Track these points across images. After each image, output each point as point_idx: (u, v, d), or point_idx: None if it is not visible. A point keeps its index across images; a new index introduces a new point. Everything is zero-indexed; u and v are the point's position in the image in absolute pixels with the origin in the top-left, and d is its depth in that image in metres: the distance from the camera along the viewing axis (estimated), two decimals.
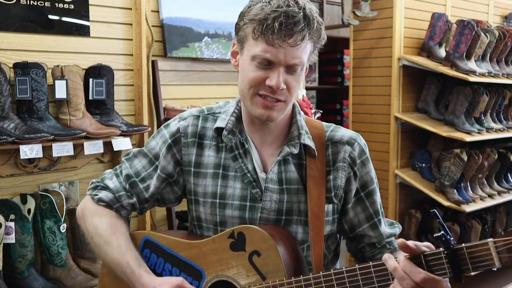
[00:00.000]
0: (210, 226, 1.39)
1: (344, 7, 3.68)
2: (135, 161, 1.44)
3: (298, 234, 1.35)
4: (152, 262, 1.39)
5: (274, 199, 1.33)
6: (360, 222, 1.40)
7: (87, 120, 2.29)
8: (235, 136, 1.35)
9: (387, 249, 1.41)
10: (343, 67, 4.86)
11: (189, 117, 1.42)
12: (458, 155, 3.46)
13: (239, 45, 1.30)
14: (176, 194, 1.45)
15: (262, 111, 1.26)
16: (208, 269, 1.31)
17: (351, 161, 1.37)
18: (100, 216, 1.41)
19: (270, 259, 1.23)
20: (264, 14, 1.19)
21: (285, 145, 1.34)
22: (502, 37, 3.79)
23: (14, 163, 2.21)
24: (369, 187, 1.40)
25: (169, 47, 2.68)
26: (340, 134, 1.39)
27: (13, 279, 2.08)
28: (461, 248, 1.02)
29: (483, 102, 3.66)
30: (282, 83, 1.23)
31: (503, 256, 0.98)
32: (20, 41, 2.22)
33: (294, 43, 1.20)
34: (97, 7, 2.42)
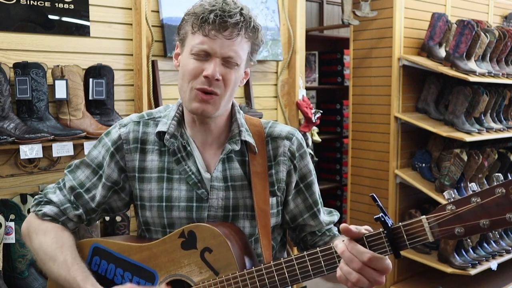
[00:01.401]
0: (159, 229, 1.41)
1: (344, 7, 3.68)
2: (78, 172, 1.44)
3: (245, 229, 1.39)
4: (103, 269, 1.39)
5: (220, 196, 1.37)
6: (301, 212, 1.46)
7: (87, 120, 2.29)
8: (177, 140, 1.38)
9: (327, 236, 1.48)
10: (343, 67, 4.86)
11: (129, 123, 1.43)
12: (458, 155, 3.46)
13: (180, 45, 1.35)
14: (124, 201, 1.46)
15: (197, 105, 1.30)
16: (161, 270, 1.32)
17: (291, 155, 1.42)
18: (44, 232, 1.39)
19: (222, 254, 1.26)
20: (202, 8, 1.27)
21: (227, 143, 1.38)
22: (502, 37, 3.79)
23: (14, 163, 2.21)
24: (308, 178, 1.45)
25: (169, 47, 2.68)
26: (278, 130, 1.44)
27: (13, 279, 2.09)
28: (398, 227, 1.12)
29: (483, 102, 3.66)
30: (217, 73, 1.27)
31: (435, 230, 1.08)
32: (20, 41, 2.22)
33: (230, 35, 1.27)
34: (97, 7, 2.43)
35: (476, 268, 3.48)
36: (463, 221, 1.05)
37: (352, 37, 3.96)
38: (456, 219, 1.06)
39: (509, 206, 1.01)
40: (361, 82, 3.93)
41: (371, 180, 3.87)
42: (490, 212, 1.03)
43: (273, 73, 3.27)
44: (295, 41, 3.26)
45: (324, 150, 4.87)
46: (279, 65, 3.27)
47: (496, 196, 1.02)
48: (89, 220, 1.46)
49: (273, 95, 3.27)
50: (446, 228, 1.07)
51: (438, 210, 1.08)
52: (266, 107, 3.22)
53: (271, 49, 3.14)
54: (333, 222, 1.51)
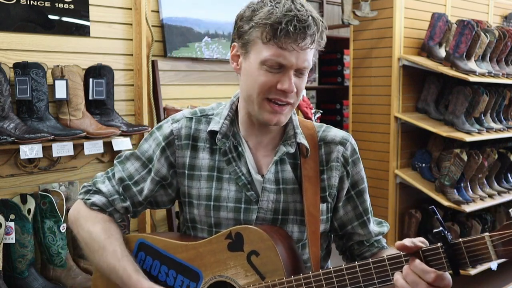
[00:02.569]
0: (205, 227, 1.39)
1: (344, 7, 3.68)
2: (127, 164, 1.43)
3: (294, 233, 1.36)
4: (148, 265, 1.38)
5: (271, 199, 1.34)
6: (350, 220, 1.42)
7: (87, 120, 2.29)
8: (229, 140, 1.35)
9: (375, 247, 1.44)
10: (343, 67, 4.86)
11: (182, 119, 1.41)
12: (458, 155, 3.46)
13: (242, 49, 1.29)
14: (169, 196, 1.44)
15: (271, 116, 1.27)
16: (206, 270, 1.31)
17: (344, 161, 1.39)
18: (93, 222, 1.39)
19: (269, 259, 1.24)
20: (276, 17, 1.20)
21: (281, 144, 1.35)
22: (502, 37, 3.79)
23: (14, 163, 2.21)
24: (360, 186, 1.42)
25: (169, 47, 2.68)
26: (332, 134, 1.41)
27: (13, 279, 2.08)
28: (458, 243, 1.05)
29: (483, 102, 3.66)
30: (294, 87, 1.25)
31: (499, 249, 1.01)
32: (20, 41, 2.22)
33: (306, 46, 1.22)
34: (97, 7, 2.42)
35: (476, 268, 3.48)
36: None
37: (352, 37, 3.96)
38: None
39: None
40: (361, 82, 3.93)
41: (371, 180, 3.87)
42: None
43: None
44: None
45: None
46: None
47: None
48: (134, 212, 1.45)
49: None
50: None
51: (503, 228, 1.01)
52: None
53: None
54: (383, 233, 1.47)
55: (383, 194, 3.78)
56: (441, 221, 1.07)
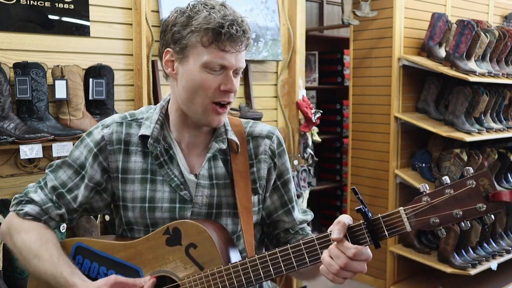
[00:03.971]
0: (141, 228, 1.42)
1: (344, 7, 3.68)
2: (59, 172, 1.44)
3: (228, 226, 1.41)
4: (86, 268, 1.40)
5: (205, 194, 1.39)
6: (276, 208, 1.50)
7: (87, 120, 2.29)
8: (160, 144, 1.38)
9: (299, 234, 1.51)
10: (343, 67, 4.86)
11: (112, 124, 1.43)
12: (458, 155, 3.46)
13: (179, 54, 1.32)
14: (105, 201, 1.46)
15: (214, 117, 1.34)
16: (145, 267, 1.34)
17: (271, 153, 1.46)
18: (27, 231, 1.39)
19: (206, 250, 1.29)
20: (216, 22, 1.26)
21: (213, 141, 1.41)
22: (502, 37, 3.79)
23: (14, 163, 2.21)
24: (285, 176, 1.49)
25: None
26: (259, 129, 1.48)
27: (13, 279, 2.09)
28: (377, 219, 1.17)
29: (483, 102, 3.66)
30: (235, 86, 1.33)
31: (412, 221, 1.14)
32: (20, 41, 2.22)
33: (242, 48, 1.31)
34: (97, 7, 2.43)
35: (476, 268, 3.48)
36: (437, 212, 1.12)
37: (352, 37, 3.96)
38: (431, 209, 1.13)
39: (479, 197, 1.09)
40: (361, 82, 3.93)
41: (371, 180, 3.87)
42: (462, 203, 1.11)
43: (273, 73, 3.27)
44: (295, 41, 3.26)
45: (324, 150, 4.87)
46: (279, 65, 3.27)
47: (468, 188, 1.10)
48: (70, 220, 1.46)
49: (273, 95, 3.27)
50: (422, 219, 1.14)
51: (414, 201, 1.14)
52: (266, 107, 3.22)
53: (271, 49, 3.14)
54: (307, 221, 1.55)
55: (383, 194, 3.79)
56: (362, 200, 1.17)
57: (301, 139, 3.34)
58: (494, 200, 1.08)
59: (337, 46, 5.04)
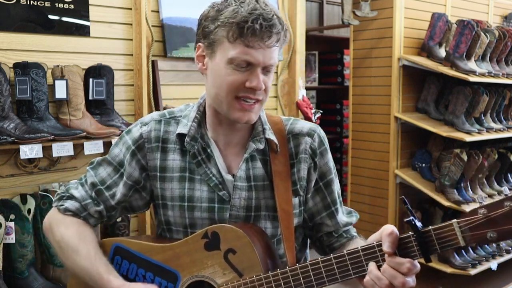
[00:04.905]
0: (180, 229, 1.40)
1: (344, 7, 3.68)
2: (99, 169, 1.43)
3: (267, 229, 1.37)
4: (124, 269, 1.38)
5: (243, 196, 1.35)
6: (319, 211, 1.43)
7: (87, 120, 2.29)
8: (197, 142, 1.36)
9: (344, 237, 1.44)
10: (343, 67, 4.86)
11: (151, 121, 1.41)
12: (458, 155, 3.46)
13: (208, 49, 1.30)
14: (144, 200, 1.45)
15: (241, 114, 1.28)
16: (183, 271, 1.31)
17: (312, 152, 1.40)
18: (67, 226, 1.39)
19: (246, 256, 1.24)
20: (241, 16, 1.21)
21: (250, 141, 1.36)
22: (502, 37, 3.79)
23: (14, 163, 2.21)
24: (328, 177, 1.43)
25: (169, 47, 2.68)
26: (299, 126, 1.42)
27: (13, 279, 2.09)
28: (428, 231, 1.08)
29: (483, 102, 3.66)
30: (262, 84, 1.26)
31: (466, 235, 1.05)
32: (20, 41, 2.22)
33: (272, 44, 1.24)
34: (97, 7, 2.43)
35: (476, 268, 3.48)
36: (495, 226, 1.03)
37: (352, 37, 3.96)
38: (488, 223, 1.03)
39: None
40: (361, 82, 3.93)
41: (371, 180, 3.87)
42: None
43: (273, 73, 3.26)
44: (295, 41, 3.26)
45: None
46: (279, 65, 3.27)
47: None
48: (109, 217, 1.45)
49: (273, 95, 3.27)
50: (478, 233, 1.04)
51: (469, 214, 1.05)
52: (266, 107, 3.20)
53: None
54: (351, 224, 1.48)
55: (383, 194, 3.78)
56: (411, 211, 1.10)
57: None
58: None
59: (337, 46, 5.03)
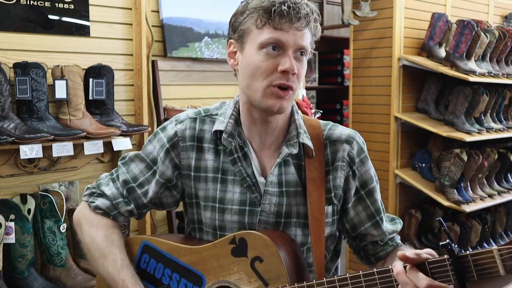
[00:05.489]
0: (210, 230, 1.38)
1: (344, 7, 3.68)
2: (132, 166, 1.42)
3: (297, 237, 1.33)
4: (151, 267, 1.38)
5: (273, 202, 1.31)
6: (362, 221, 1.38)
7: (87, 120, 2.29)
8: (235, 139, 1.32)
9: (389, 245, 1.40)
10: (343, 67, 4.86)
11: (186, 119, 1.39)
12: (458, 155, 3.46)
13: (238, 43, 1.28)
14: (174, 198, 1.43)
15: (273, 101, 1.23)
16: (209, 275, 1.30)
17: (350, 160, 1.35)
18: (96, 228, 1.39)
19: (273, 265, 1.22)
20: (268, 2, 1.21)
21: (284, 145, 1.32)
22: (502, 37, 3.79)
23: (14, 163, 2.21)
24: (369, 185, 1.37)
25: (169, 47, 2.68)
26: (338, 133, 1.37)
27: (13, 279, 2.08)
28: (465, 256, 1.02)
29: (483, 102, 3.66)
30: (295, 66, 1.22)
31: (508, 263, 0.99)
32: (20, 41, 2.21)
33: (301, 26, 1.22)
34: (97, 7, 2.42)
35: None
36: None
37: (352, 37, 3.96)
38: None
39: None
40: (361, 82, 3.93)
41: None
42: None
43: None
44: None
45: None
46: None
47: None
48: (139, 215, 1.44)
49: None
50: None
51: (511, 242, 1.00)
52: None
53: None
54: (397, 231, 1.43)
55: (383, 194, 3.76)
56: (448, 233, 1.05)
57: None
58: None
59: (337, 46, 5.04)
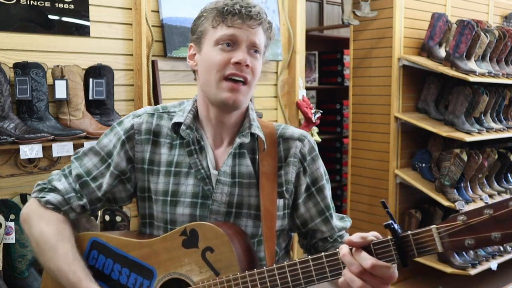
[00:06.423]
0: (161, 224, 1.40)
1: (344, 7, 3.68)
2: (85, 160, 1.43)
3: (248, 228, 1.37)
4: (100, 264, 1.37)
5: (225, 191, 1.36)
6: (312, 217, 1.45)
7: (87, 120, 2.29)
8: (193, 132, 1.37)
9: (339, 242, 1.46)
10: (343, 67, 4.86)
11: (143, 114, 1.44)
12: (458, 155, 3.46)
13: (197, 44, 1.36)
14: (128, 192, 1.44)
15: (229, 95, 1.30)
16: (160, 268, 1.30)
17: (302, 157, 1.42)
18: (47, 221, 1.37)
19: (224, 255, 1.24)
20: (222, 3, 1.31)
21: (237, 137, 1.38)
22: (502, 37, 3.79)
23: (14, 163, 2.21)
24: (319, 182, 1.44)
25: (169, 47, 2.68)
26: (290, 131, 1.44)
27: (13, 279, 2.09)
28: (407, 236, 1.08)
29: (483, 102, 3.66)
30: (247, 58, 1.29)
31: (445, 241, 1.05)
32: (20, 41, 2.22)
33: (253, 24, 1.30)
34: (97, 7, 2.43)
35: (476, 268, 3.48)
36: (474, 233, 1.03)
37: (352, 37, 3.96)
38: (467, 230, 1.03)
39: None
40: (361, 82, 3.93)
41: (371, 180, 3.87)
42: (502, 225, 1.01)
43: (273, 73, 3.27)
44: (295, 41, 3.26)
45: (324, 150, 4.86)
46: (279, 65, 3.27)
47: (510, 210, 1.00)
48: (92, 210, 1.44)
49: (273, 95, 3.27)
50: (457, 239, 1.04)
51: (449, 220, 1.06)
52: (266, 107, 3.22)
53: (271, 49, 3.12)
54: (346, 228, 1.49)
55: (383, 194, 3.78)
56: (391, 214, 1.10)
57: None
58: None
59: (337, 46, 5.03)
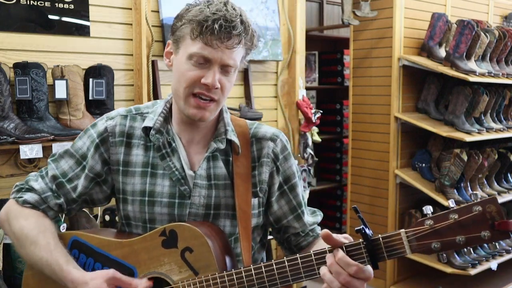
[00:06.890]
0: (139, 223, 1.42)
1: (344, 7, 3.68)
2: (61, 162, 1.44)
3: (226, 227, 1.40)
4: (81, 262, 1.39)
5: (203, 194, 1.38)
6: (285, 214, 1.47)
7: (87, 120, 2.29)
8: (163, 136, 1.38)
9: (310, 236, 1.50)
10: (343, 67, 4.86)
11: (116, 116, 1.44)
12: (458, 155, 3.46)
13: (174, 45, 1.35)
14: (105, 193, 1.46)
15: (195, 111, 1.31)
16: (140, 267, 1.33)
17: (274, 157, 1.43)
18: (26, 217, 1.40)
19: (202, 255, 1.28)
20: (204, 15, 1.25)
21: (212, 141, 1.39)
22: (502, 37, 3.79)
23: (14, 163, 2.21)
24: (292, 180, 1.46)
25: None
26: (263, 131, 1.45)
27: (13, 279, 2.09)
28: (377, 239, 1.13)
29: (483, 102, 3.66)
30: (217, 82, 1.29)
31: (413, 244, 1.10)
32: (20, 41, 2.22)
33: (231, 46, 1.28)
34: (97, 7, 2.43)
35: (476, 268, 3.48)
36: (440, 237, 1.08)
37: (352, 37, 3.96)
38: (433, 234, 1.09)
39: (484, 224, 1.05)
40: (361, 82, 3.93)
41: (371, 180, 3.87)
42: (466, 229, 1.07)
43: (273, 73, 3.27)
44: (295, 41, 3.26)
45: (324, 150, 4.87)
46: (279, 65, 3.27)
47: (473, 214, 1.06)
48: (69, 210, 1.46)
49: (273, 95, 3.27)
50: (424, 243, 1.10)
51: (417, 224, 1.11)
52: (266, 107, 3.22)
53: (271, 49, 3.14)
54: (317, 223, 1.53)
55: (383, 194, 3.78)
56: (363, 219, 1.14)
57: (301, 139, 3.34)
58: (500, 228, 1.04)
59: (337, 46, 5.03)
